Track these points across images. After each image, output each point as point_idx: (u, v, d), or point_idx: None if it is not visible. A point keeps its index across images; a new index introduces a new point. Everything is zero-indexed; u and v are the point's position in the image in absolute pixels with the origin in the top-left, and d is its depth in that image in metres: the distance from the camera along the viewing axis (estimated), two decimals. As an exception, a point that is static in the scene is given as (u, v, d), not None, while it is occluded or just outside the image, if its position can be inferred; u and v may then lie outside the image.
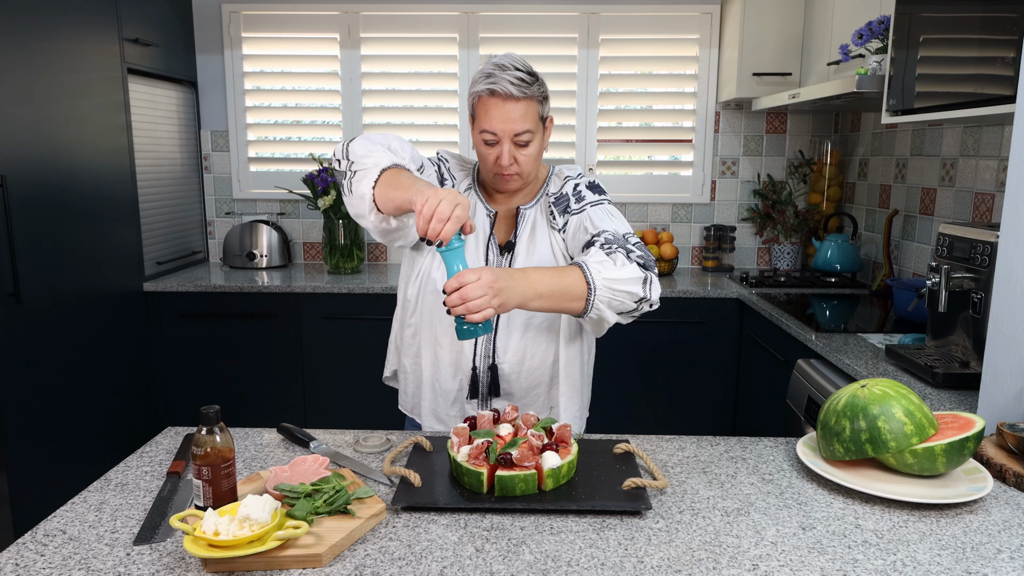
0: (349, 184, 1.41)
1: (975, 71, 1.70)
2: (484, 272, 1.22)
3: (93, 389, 2.58)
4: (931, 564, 0.95)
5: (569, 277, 1.33)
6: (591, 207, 1.50)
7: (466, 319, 1.22)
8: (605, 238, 1.41)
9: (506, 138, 1.41)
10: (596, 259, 1.36)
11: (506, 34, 3.31)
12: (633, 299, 1.36)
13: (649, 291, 1.38)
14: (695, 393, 3.01)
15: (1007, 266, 1.29)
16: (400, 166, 1.39)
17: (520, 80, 1.39)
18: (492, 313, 1.23)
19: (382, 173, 1.36)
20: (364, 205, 1.37)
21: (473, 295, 1.20)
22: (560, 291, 1.32)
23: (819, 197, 3.36)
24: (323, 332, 2.95)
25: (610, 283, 1.33)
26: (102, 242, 2.64)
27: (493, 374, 1.51)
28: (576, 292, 1.32)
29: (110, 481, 1.18)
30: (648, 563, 0.94)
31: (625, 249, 1.39)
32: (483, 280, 1.21)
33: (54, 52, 2.35)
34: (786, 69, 3.00)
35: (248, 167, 3.48)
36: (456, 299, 1.20)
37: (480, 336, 1.30)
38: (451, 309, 1.22)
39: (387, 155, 1.40)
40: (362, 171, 1.38)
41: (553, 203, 1.52)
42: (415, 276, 1.54)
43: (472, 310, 1.20)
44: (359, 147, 1.41)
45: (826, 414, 1.21)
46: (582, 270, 1.34)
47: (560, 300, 1.32)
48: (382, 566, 0.93)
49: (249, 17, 3.35)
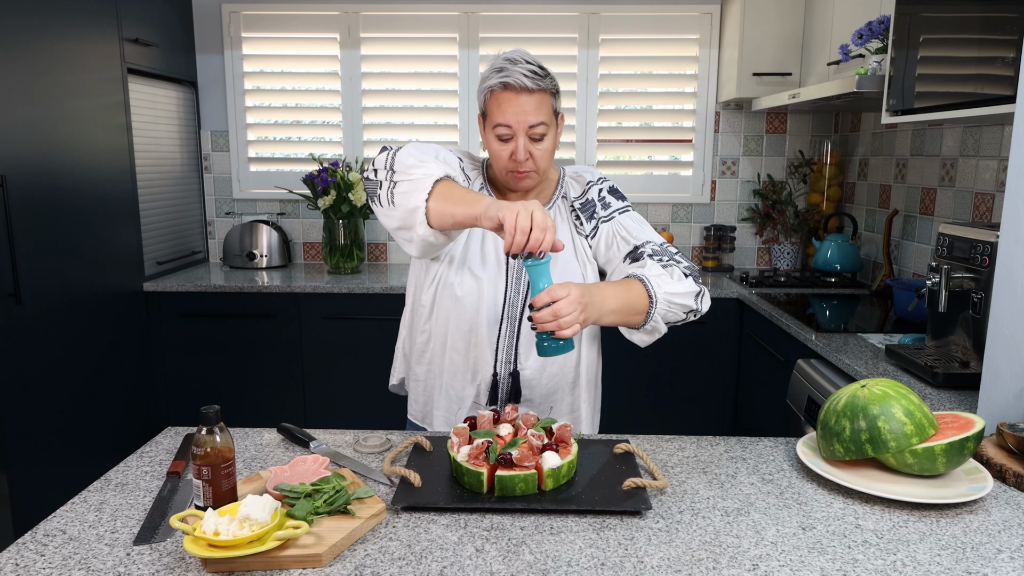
0: (389, 195, 1.33)
1: (975, 71, 1.70)
2: (573, 288, 1.23)
3: (93, 389, 2.58)
4: (931, 564, 0.95)
5: (634, 291, 1.35)
6: (620, 214, 1.51)
7: (555, 335, 1.22)
8: (652, 248, 1.44)
9: (521, 131, 1.38)
10: (654, 272, 1.38)
11: (506, 34, 3.31)
12: (685, 311, 1.40)
13: (701, 304, 1.42)
14: (695, 393, 3.01)
15: (1007, 266, 1.29)
16: (452, 178, 1.34)
17: (533, 73, 1.37)
18: (579, 329, 1.23)
19: (435, 185, 1.30)
20: (415, 218, 1.30)
21: (566, 311, 1.20)
22: (629, 305, 1.34)
23: (819, 197, 3.36)
24: (323, 332, 2.95)
25: (669, 296, 1.37)
26: (102, 242, 2.64)
27: (515, 380, 1.48)
28: (640, 306, 1.35)
29: (110, 481, 1.18)
30: (648, 563, 0.94)
31: (675, 261, 1.42)
32: (572, 296, 1.21)
33: (54, 52, 2.35)
34: (786, 69, 3.00)
35: (248, 167, 3.48)
36: (548, 315, 1.20)
37: (564, 353, 1.28)
38: (538, 325, 1.22)
39: (438, 165, 1.34)
40: (408, 182, 1.31)
41: (579, 208, 1.51)
42: (431, 282, 1.49)
43: (563, 326, 1.21)
44: (408, 157, 1.35)
45: (826, 414, 1.21)
46: (644, 284, 1.36)
47: (628, 314, 1.35)
48: (382, 566, 0.93)
49: (249, 17, 3.35)
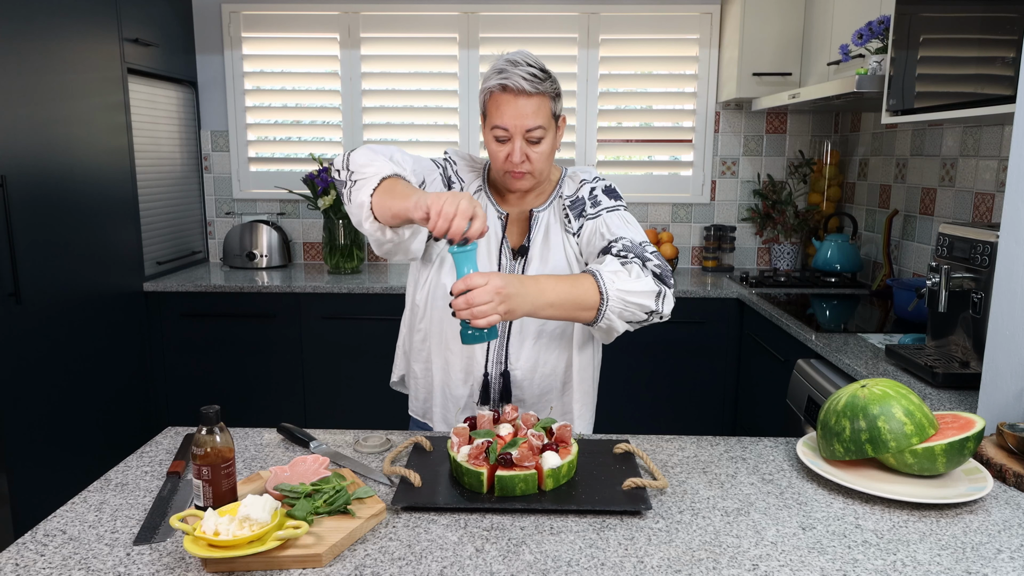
0: (349, 193, 1.37)
1: (975, 71, 1.70)
2: (492, 277, 1.20)
3: (93, 389, 2.58)
4: (931, 564, 0.95)
5: (582, 286, 1.30)
6: (607, 212, 1.47)
7: (470, 324, 1.20)
8: (623, 245, 1.39)
9: (518, 134, 1.38)
10: (610, 268, 1.33)
11: (506, 34, 3.31)
12: (644, 311, 1.34)
13: (662, 305, 1.36)
14: (695, 393, 3.01)
15: (1007, 266, 1.29)
16: (400, 176, 1.36)
17: (533, 76, 1.36)
18: (497, 320, 1.20)
19: (381, 182, 1.32)
20: (362, 213, 1.33)
21: (479, 300, 1.17)
22: (572, 300, 1.30)
23: (819, 197, 3.36)
24: (323, 332, 2.95)
25: (623, 294, 1.31)
26: (102, 242, 2.64)
27: (505, 380, 1.48)
28: (588, 302, 1.31)
29: (110, 481, 1.18)
30: (648, 563, 0.94)
31: (641, 259, 1.36)
32: (490, 285, 1.19)
33: (54, 52, 2.35)
34: (786, 69, 3.00)
35: (248, 167, 3.48)
36: (462, 303, 1.18)
37: (485, 342, 1.25)
38: (456, 312, 1.19)
39: (388, 164, 1.36)
40: (362, 180, 1.34)
41: (568, 206, 1.49)
42: (423, 282, 1.51)
43: (476, 315, 1.18)
44: (361, 156, 1.38)
45: (826, 414, 1.21)
46: (595, 279, 1.31)
47: (572, 309, 1.30)
48: (382, 566, 0.93)
49: (249, 17, 3.35)
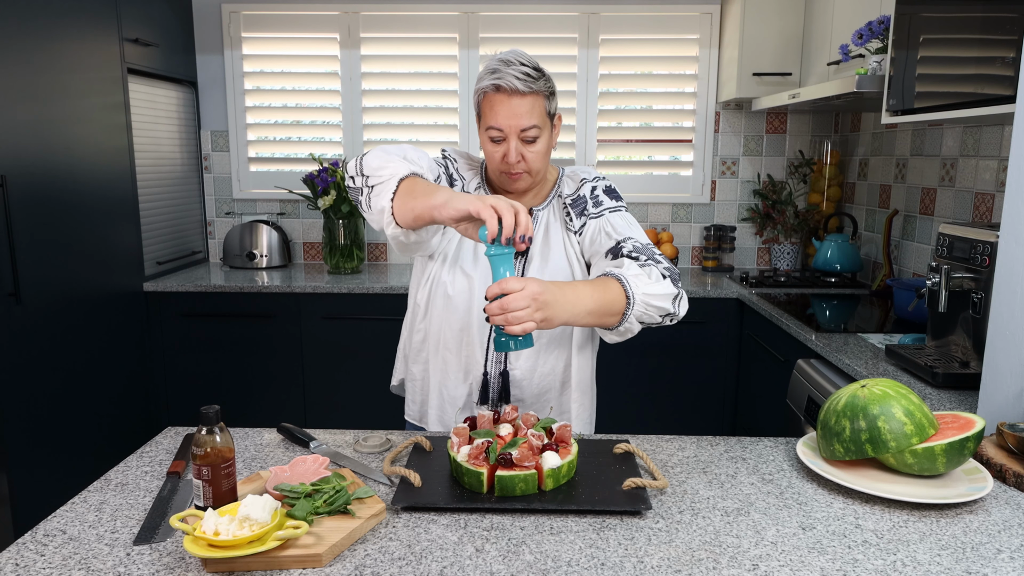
0: (367, 200, 1.33)
1: (975, 71, 1.70)
2: (529, 282, 1.16)
3: (93, 389, 2.58)
4: (931, 564, 0.95)
5: (612, 291, 1.29)
6: (610, 212, 1.46)
7: (505, 330, 1.15)
8: (633, 245, 1.38)
9: (512, 134, 1.38)
10: (632, 272, 1.32)
11: (506, 34, 3.31)
12: (661, 313, 1.34)
13: (678, 307, 1.36)
14: (695, 393, 3.01)
15: (1007, 266, 1.29)
16: (418, 175, 1.32)
17: (526, 75, 1.36)
18: (533, 327, 1.16)
19: (400, 184, 1.29)
20: (383, 219, 1.29)
21: (515, 306, 1.14)
22: (606, 306, 1.28)
23: (819, 197, 3.36)
24: (323, 332, 2.95)
25: (647, 298, 1.31)
26: (102, 242, 2.64)
27: (504, 380, 1.48)
28: (617, 307, 1.29)
29: (110, 481, 1.18)
30: (648, 563, 0.94)
31: (654, 261, 1.36)
32: (527, 291, 1.15)
33: (54, 52, 2.35)
34: (786, 69, 3.00)
35: (248, 167, 3.48)
36: (496, 308, 1.14)
37: (519, 350, 1.21)
38: (490, 317, 1.15)
39: (404, 164, 1.32)
40: (379, 184, 1.31)
41: (570, 204, 1.48)
42: (425, 280, 1.51)
43: (512, 322, 1.14)
44: (374, 160, 1.34)
45: (826, 414, 1.21)
46: (622, 284, 1.30)
47: (604, 316, 1.29)
48: (382, 566, 0.93)
49: (249, 17, 3.35)
